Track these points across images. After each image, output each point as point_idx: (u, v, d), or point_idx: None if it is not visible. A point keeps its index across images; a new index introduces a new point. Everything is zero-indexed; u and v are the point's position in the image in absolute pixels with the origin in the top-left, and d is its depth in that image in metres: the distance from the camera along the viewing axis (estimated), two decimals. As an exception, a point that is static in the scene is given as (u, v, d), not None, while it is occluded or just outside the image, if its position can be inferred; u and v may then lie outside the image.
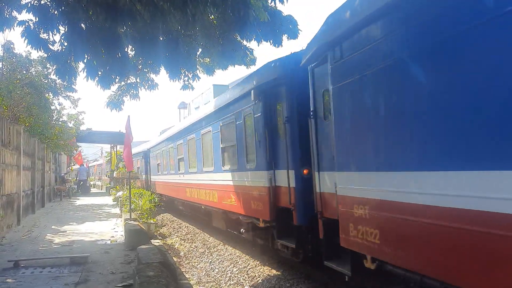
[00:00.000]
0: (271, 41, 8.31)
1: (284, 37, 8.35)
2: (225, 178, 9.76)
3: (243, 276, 7.84)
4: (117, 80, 8.99)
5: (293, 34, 8.23)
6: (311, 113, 5.95)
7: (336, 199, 5.13)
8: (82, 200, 22.96)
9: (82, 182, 30.97)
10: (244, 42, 8.59)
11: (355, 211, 4.66)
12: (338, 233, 5.13)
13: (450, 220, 3.31)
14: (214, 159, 10.63)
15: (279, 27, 8.12)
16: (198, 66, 9.66)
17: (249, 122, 8.26)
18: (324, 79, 5.53)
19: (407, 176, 3.88)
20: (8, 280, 6.13)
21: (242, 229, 9.11)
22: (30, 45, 7.27)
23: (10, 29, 7.15)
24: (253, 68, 8.91)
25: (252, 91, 7.75)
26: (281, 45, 8.31)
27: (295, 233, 6.85)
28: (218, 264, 8.98)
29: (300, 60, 6.37)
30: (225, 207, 9.87)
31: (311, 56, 5.76)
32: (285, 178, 6.89)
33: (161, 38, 7.76)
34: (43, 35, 7.29)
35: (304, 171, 6.57)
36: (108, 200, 22.97)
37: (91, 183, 45.00)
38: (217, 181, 10.41)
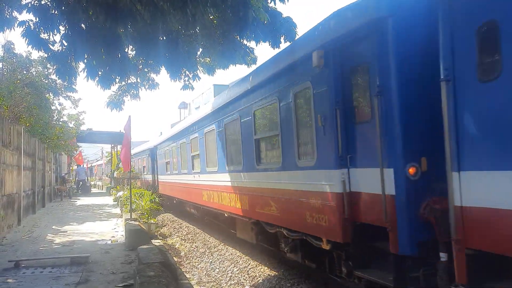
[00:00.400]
0: (269, 41, 8.32)
1: (282, 39, 8.37)
2: (259, 179, 7.57)
3: (244, 276, 7.84)
4: (117, 80, 8.99)
5: (291, 36, 8.24)
6: (445, 73, 3.68)
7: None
8: (83, 200, 22.97)
9: (81, 183, 30.83)
10: (245, 42, 8.59)
11: None
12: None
13: None
14: (243, 155, 8.31)
15: (278, 28, 8.11)
16: (198, 66, 9.66)
17: (305, 101, 5.99)
18: (481, 7, 3.43)
19: None
20: (9, 280, 6.13)
21: (286, 247, 7.10)
22: (30, 45, 7.28)
23: (11, 29, 7.16)
24: (254, 68, 8.89)
25: (315, 53, 5.31)
26: (279, 47, 8.32)
27: (391, 263, 4.54)
28: (219, 264, 8.98)
29: None
30: (260, 216, 7.65)
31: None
32: (373, 181, 4.64)
33: (161, 38, 7.76)
34: (44, 35, 7.30)
35: (410, 169, 4.28)
36: (109, 200, 22.98)
37: (92, 183, 45.03)
38: (247, 182, 8.23)
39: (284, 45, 8.22)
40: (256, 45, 8.41)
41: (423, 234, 4.15)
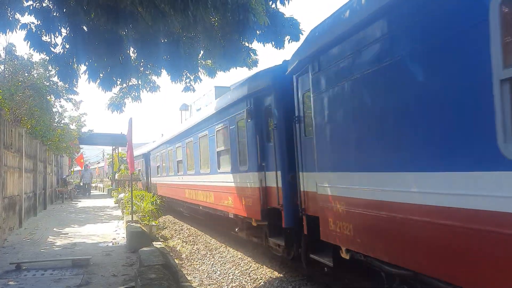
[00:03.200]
0: (272, 42, 8.31)
1: (286, 39, 8.35)
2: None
3: (245, 278, 7.82)
4: (118, 82, 8.99)
5: (295, 36, 8.22)
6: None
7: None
8: (84, 202, 22.97)
9: (87, 186, 31.56)
10: (246, 44, 8.58)
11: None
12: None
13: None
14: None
15: (281, 29, 8.11)
16: (199, 68, 9.66)
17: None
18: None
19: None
20: (10, 283, 6.12)
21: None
22: (32, 48, 7.30)
23: (13, 32, 7.17)
24: (255, 70, 8.91)
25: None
26: (283, 47, 8.30)
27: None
28: (220, 266, 8.96)
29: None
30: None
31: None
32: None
33: (162, 40, 7.77)
34: (45, 38, 7.31)
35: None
36: (110, 202, 22.98)
37: (93, 185, 45.07)
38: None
39: (288, 45, 8.29)
40: (264, 45, 8.42)
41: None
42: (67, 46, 7.49)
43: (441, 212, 3.33)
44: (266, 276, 7.66)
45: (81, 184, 32.49)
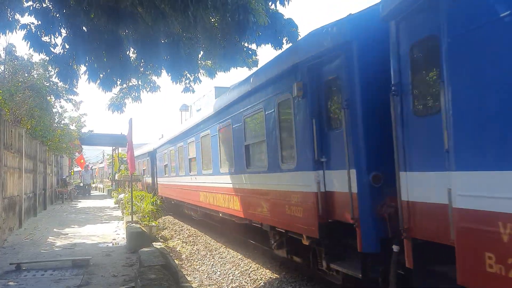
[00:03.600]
0: (271, 43, 8.33)
1: (284, 40, 8.38)
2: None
3: (245, 279, 7.82)
4: (118, 82, 9.00)
5: (293, 37, 8.25)
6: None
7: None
8: (84, 203, 22.96)
9: (87, 186, 31.92)
10: (246, 44, 8.60)
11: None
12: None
13: None
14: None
15: (280, 30, 8.12)
16: (199, 69, 9.67)
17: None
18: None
19: None
20: (10, 283, 6.12)
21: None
22: (32, 48, 7.30)
23: (12, 32, 7.18)
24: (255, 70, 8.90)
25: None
26: (281, 48, 8.32)
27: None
28: (220, 266, 8.96)
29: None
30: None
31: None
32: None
33: (162, 41, 7.77)
34: (45, 38, 7.32)
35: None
36: (110, 202, 22.97)
37: (93, 185, 45.04)
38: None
39: (286, 46, 8.26)
40: (257, 47, 8.44)
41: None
42: (67, 47, 7.50)
43: None
44: (266, 277, 7.66)
45: (81, 184, 32.88)
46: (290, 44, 8.11)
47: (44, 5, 6.99)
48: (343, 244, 5.52)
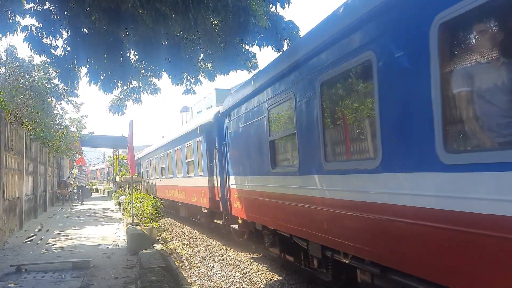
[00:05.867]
0: (272, 46, 8.33)
1: (286, 42, 8.39)
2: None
3: (246, 281, 7.81)
4: (119, 84, 9.00)
5: (295, 39, 8.26)
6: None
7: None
8: (84, 205, 22.97)
9: (81, 190, 25.62)
10: (246, 47, 8.60)
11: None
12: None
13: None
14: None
15: (281, 32, 8.13)
16: (200, 71, 9.68)
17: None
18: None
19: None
20: (10, 285, 6.12)
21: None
22: (33, 50, 7.31)
23: (13, 34, 7.18)
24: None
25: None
26: (282, 50, 8.34)
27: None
28: (221, 268, 8.95)
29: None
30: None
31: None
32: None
33: (163, 43, 7.78)
34: (46, 40, 7.33)
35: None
36: (110, 204, 22.97)
37: (93, 187, 45.02)
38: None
39: (287, 48, 8.28)
40: (260, 49, 8.46)
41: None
42: (68, 49, 7.50)
43: None
44: (266, 279, 7.65)
45: (76, 186, 26.95)
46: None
47: (45, 7, 7.00)
48: None
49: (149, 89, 10.61)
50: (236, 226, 9.43)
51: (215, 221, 11.78)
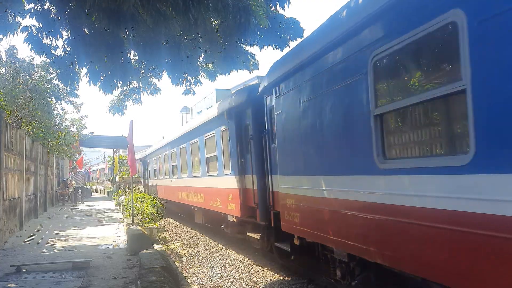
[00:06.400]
0: (273, 45, 8.34)
1: (288, 38, 8.43)
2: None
3: (246, 281, 7.81)
4: (119, 85, 9.02)
5: (298, 34, 8.29)
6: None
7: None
8: (84, 205, 22.97)
9: (80, 191, 24.93)
10: (247, 48, 8.62)
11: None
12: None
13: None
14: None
15: (282, 30, 8.15)
16: (200, 71, 9.69)
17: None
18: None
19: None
20: (10, 285, 6.12)
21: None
22: (33, 50, 7.31)
23: (14, 34, 7.19)
24: (256, 73, 8.93)
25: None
26: (287, 47, 8.37)
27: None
28: (221, 269, 8.95)
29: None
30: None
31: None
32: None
33: (163, 43, 7.78)
34: (46, 41, 7.33)
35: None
36: (111, 204, 22.97)
37: (93, 187, 45.02)
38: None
39: (291, 43, 8.36)
40: (260, 50, 8.48)
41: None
42: (68, 49, 7.51)
43: None
44: (267, 279, 7.64)
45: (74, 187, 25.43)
46: (295, 43, 8.25)
47: (46, 7, 7.00)
48: None
49: (149, 90, 10.62)
50: (287, 247, 6.93)
51: (248, 234, 8.85)
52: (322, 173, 5.25)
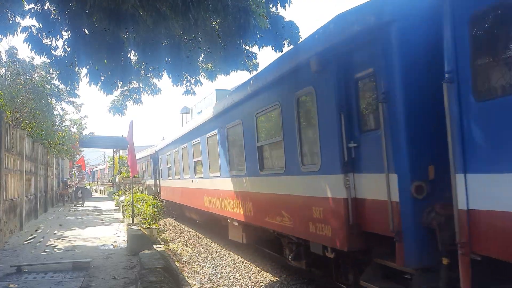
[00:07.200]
0: (272, 46, 8.34)
1: (286, 42, 8.40)
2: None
3: (246, 281, 7.80)
4: (119, 85, 9.02)
5: (295, 39, 8.26)
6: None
7: None
8: (85, 206, 22.97)
9: (80, 191, 24.00)
10: (247, 47, 8.61)
11: None
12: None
13: None
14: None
15: (281, 32, 8.14)
16: (200, 71, 9.69)
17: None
18: None
19: None
20: (10, 286, 6.12)
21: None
22: (33, 51, 7.31)
23: (14, 35, 7.19)
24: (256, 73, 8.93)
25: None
26: (282, 51, 8.35)
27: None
28: (221, 269, 8.95)
29: None
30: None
31: None
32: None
33: (163, 43, 7.78)
34: (46, 41, 7.33)
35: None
36: (111, 205, 22.97)
37: (93, 188, 45.02)
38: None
39: (287, 48, 8.28)
40: (259, 49, 8.46)
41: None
42: (68, 49, 7.50)
43: None
44: (267, 279, 7.64)
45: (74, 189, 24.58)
46: (291, 47, 8.13)
47: (46, 8, 7.00)
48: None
49: (149, 90, 10.62)
50: None
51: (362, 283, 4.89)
52: None
